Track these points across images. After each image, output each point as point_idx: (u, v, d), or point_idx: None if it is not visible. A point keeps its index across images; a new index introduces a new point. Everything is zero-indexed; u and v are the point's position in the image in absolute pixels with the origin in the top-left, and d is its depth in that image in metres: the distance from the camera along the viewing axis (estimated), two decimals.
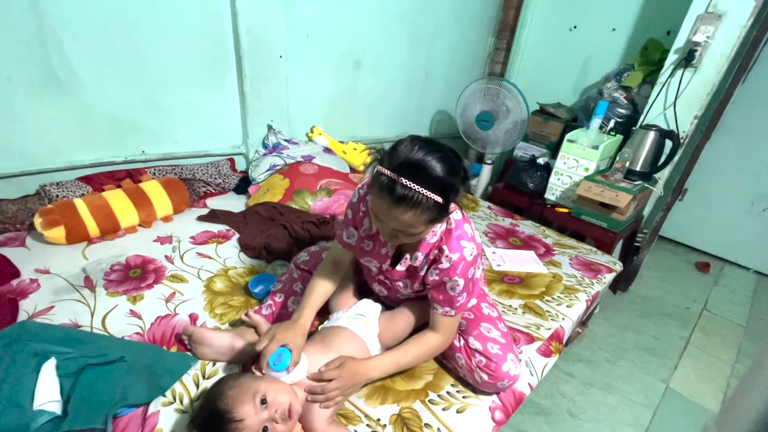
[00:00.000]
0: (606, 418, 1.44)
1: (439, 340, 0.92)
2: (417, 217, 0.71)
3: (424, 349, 0.92)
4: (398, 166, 0.69)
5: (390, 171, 0.69)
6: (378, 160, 0.73)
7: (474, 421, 0.88)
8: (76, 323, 1.01)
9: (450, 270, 0.84)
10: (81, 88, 1.42)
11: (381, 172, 0.70)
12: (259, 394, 0.71)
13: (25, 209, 1.37)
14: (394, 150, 0.71)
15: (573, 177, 1.93)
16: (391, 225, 0.75)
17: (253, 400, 0.70)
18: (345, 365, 0.83)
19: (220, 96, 1.79)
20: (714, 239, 2.66)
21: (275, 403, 0.71)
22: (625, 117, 2.05)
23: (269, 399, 0.71)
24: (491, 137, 2.25)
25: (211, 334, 0.95)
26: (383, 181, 0.69)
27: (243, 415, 0.68)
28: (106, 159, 1.58)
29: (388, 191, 0.69)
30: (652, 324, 1.98)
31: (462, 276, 0.84)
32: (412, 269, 0.91)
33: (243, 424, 0.68)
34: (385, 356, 0.91)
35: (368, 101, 2.36)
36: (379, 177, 0.71)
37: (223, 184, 1.83)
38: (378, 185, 0.71)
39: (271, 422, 0.70)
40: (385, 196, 0.70)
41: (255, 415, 0.69)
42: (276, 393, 0.73)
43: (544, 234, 1.80)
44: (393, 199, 0.69)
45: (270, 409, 0.71)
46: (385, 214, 0.73)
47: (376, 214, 0.76)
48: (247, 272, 1.29)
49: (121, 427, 0.77)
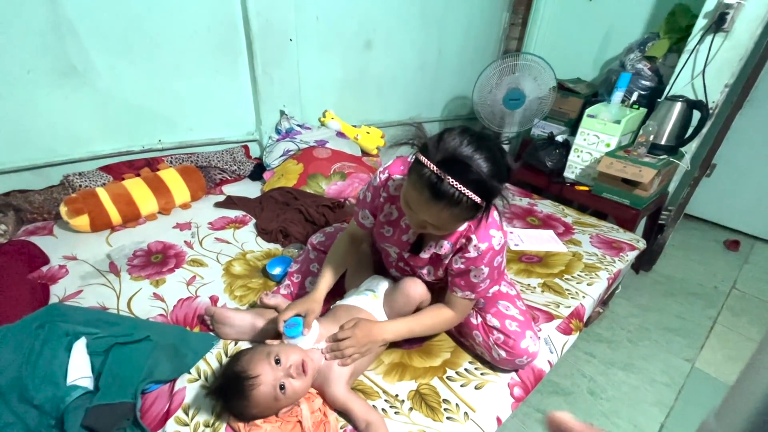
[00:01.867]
0: (628, 398, 1.42)
1: (453, 316, 0.91)
2: (454, 215, 0.69)
3: (438, 321, 0.91)
4: (444, 161, 0.64)
5: (435, 165, 0.64)
6: (419, 148, 0.69)
7: (493, 397, 0.88)
8: (104, 306, 1.05)
9: (477, 259, 0.82)
10: (97, 77, 1.44)
11: (424, 163, 0.65)
12: (273, 354, 0.75)
13: (50, 199, 1.41)
14: (440, 141, 0.66)
15: (593, 154, 1.87)
16: (423, 217, 0.72)
17: (267, 359, 0.74)
18: (359, 324, 0.85)
19: (232, 81, 1.79)
20: (744, 216, 2.55)
21: (289, 361, 0.74)
22: (649, 89, 1.96)
23: (282, 358, 0.74)
24: (516, 116, 2.17)
25: (233, 314, 0.97)
26: (425, 174, 0.65)
27: (258, 371, 0.71)
28: (125, 148, 1.61)
29: (430, 186, 0.65)
30: (677, 304, 1.92)
31: (488, 265, 0.83)
32: (435, 257, 0.89)
33: (258, 380, 0.71)
34: (399, 321, 0.91)
35: (380, 83, 2.32)
36: (419, 167, 0.66)
37: (239, 171, 1.85)
38: (418, 176, 0.67)
39: (287, 378, 0.73)
40: (425, 190, 0.66)
41: (270, 372, 0.72)
42: (289, 353, 0.76)
43: (563, 213, 1.76)
44: (433, 195, 0.66)
45: (284, 366, 0.73)
46: (419, 206, 0.70)
47: (410, 204, 0.73)
48: (264, 256, 1.31)
49: (150, 402, 0.80)
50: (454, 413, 0.84)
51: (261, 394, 0.71)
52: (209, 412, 0.78)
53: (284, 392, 0.72)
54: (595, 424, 1.31)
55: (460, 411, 0.84)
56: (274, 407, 0.74)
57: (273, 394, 0.71)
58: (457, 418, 0.83)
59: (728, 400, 0.22)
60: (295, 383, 0.73)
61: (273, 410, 0.74)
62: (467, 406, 0.85)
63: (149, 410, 0.78)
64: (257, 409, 0.72)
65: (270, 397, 0.71)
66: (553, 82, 2.02)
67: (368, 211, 0.93)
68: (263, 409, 0.73)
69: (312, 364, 0.77)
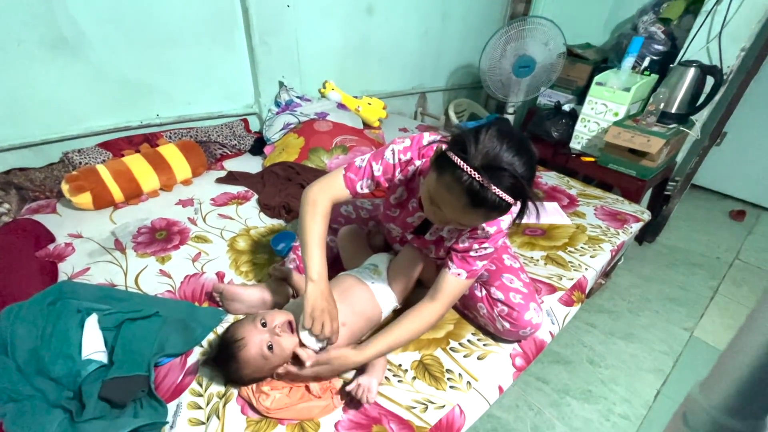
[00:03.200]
0: (626, 366, 1.46)
1: (437, 309, 0.86)
2: (488, 217, 0.68)
3: (421, 325, 0.86)
4: (485, 167, 0.61)
5: (474, 170, 0.61)
6: (449, 145, 0.65)
7: (495, 366, 0.91)
8: (112, 282, 1.06)
9: (484, 240, 0.82)
10: (90, 49, 1.40)
11: (461, 168, 0.62)
12: (259, 318, 0.78)
13: (51, 177, 1.41)
14: (477, 141, 0.62)
15: (601, 123, 1.82)
16: (452, 218, 0.70)
17: (253, 323, 0.77)
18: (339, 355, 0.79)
19: (229, 52, 1.73)
20: (752, 186, 2.52)
21: (274, 321, 0.77)
22: (662, 54, 1.88)
23: (268, 320, 0.77)
24: (523, 84, 2.09)
25: (242, 290, 0.98)
26: (465, 180, 0.62)
27: (243, 334, 0.75)
28: (123, 123, 1.58)
29: (471, 194, 0.62)
30: (679, 274, 1.94)
31: (493, 244, 0.83)
32: (440, 238, 0.89)
33: (244, 341, 0.74)
34: (379, 341, 0.83)
35: (382, 51, 2.24)
36: (455, 170, 0.62)
37: (239, 146, 1.82)
38: (454, 180, 0.63)
39: (273, 336, 0.75)
40: (463, 197, 0.63)
41: (256, 333, 0.75)
42: (274, 315, 0.79)
43: (568, 185, 1.74)
44: (473, 203, 0.63)
45: (270, 327, 0.76)
46: (452, 209, 0.68)
47: (438, 203, 0.70)
48: (268, 231, 1.31)
49: (163, 375, 0.83)
50: (457, 382, 0.86)
51: (249, 355, 0.74)
52: (222, 384, 0.81)
53: (272, 351, 0.75)
54: (593, 390, 1.36)
55: (463, 380, 0.86)
56: (266, 366, 0.76)
57: (261, 353, 0.74)
58: (460, 387, 0.85)
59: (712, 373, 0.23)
60: (283, 341, 0.76)
61: (266, 370, 0.77)
62: (470, 375, 0.88)
63: (162, 382, 0.81)
64: (249, 369, 0.75)
65: (258, 356, 0.74)
66: (563, 48, 1.94)
67: (371, 181, 0.86)
68: (255, 369, 0.75)
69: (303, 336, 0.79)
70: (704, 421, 0.22)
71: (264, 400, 0.74)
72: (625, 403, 1.33)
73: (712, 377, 0.23)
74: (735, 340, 0.22)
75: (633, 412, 1.30)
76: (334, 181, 0.87)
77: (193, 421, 0.75)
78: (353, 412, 0.78)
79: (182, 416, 0.75)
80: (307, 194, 0.86)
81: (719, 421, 0.22)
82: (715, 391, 0.22)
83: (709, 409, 0.22)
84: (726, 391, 0.21)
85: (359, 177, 0.87)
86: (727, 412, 0.21)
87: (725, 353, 0.22)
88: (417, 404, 0.81)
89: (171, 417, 0.75)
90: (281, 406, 0.74)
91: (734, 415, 0.21)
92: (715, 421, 0.22)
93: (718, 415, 0.22)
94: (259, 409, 0.75)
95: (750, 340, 0.21)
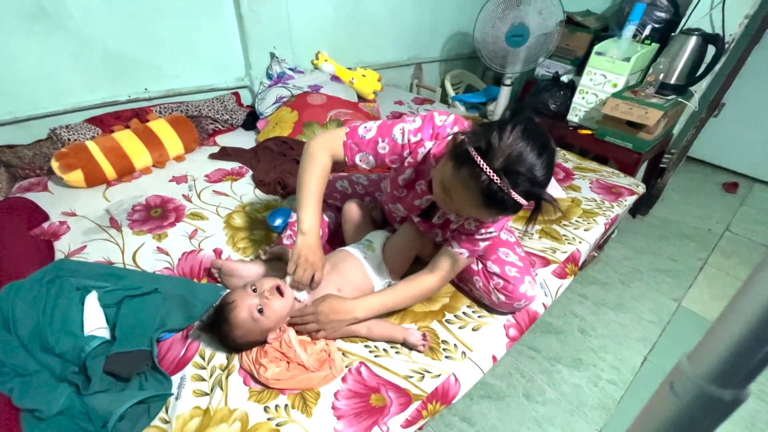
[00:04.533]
0: (615, 335, 1.51)
1: (433, 283, 0.89)
2: (496, 215, 0.67)
3: (416, 291, 0.89)
4: (506, 170, 0.60)
5: (494, 173, 0.60)
6: (469, 138, 0.63)
7: (489, 337, 0.93)
8: (109, 260, 1.06)
9: (490, 224, 0.83)
10: (70, 19, 1.33)
11: (481, 167, 0.60)
12: (249, 284, 0.81)
13: (40, 154, 1.38)
14: (500, 139, 0.60)
15: (599, 95, 1.80)
16: (464, 210, 0.69)
17: (243, 289, 0.81)
18: (326, 300, 0.84)
19: (217, 22, 1.66)
20: (746, 158, 2.52)
21: (263, 286, 0.80)
22: (664, 22, 1.83)
23: (258, 285, 0.81)
24: (519, 54, 2.04)
25: (240, 265, 0.99)
26: (483, 180, 0.61)
27: (235, 297, 0.79)
28: (110, 98, 1.54)
29: (487, 194, 0.62)
30: (671, 246, 1.97)
31: (499, 229, 0.83)
32: (447, 221, 0.89)
33: (234, 304, 0.78)
34: (372, 297, 0.88)
35: (376, 19, 2.16)
36: (474, 167, 0.61)
37: (231, 120, 1.79)
38: (471, 176, 0.62)
39: (262, 299, 0.79)
40: (480, 195, 0.63)
41: (246, 297, 0.79)
42: (264, 281, 0.82)
43: (564, 158, 1.73)
44: (488, 202, 0.63)
45: (260, 292, 0.80)
46: (465, 204, 0.67)
47: (452, 195, 0.69)
48: (264, 208, 1.31)
49: (165, 349, 0.85)
50: (452, 353, 0.89)
51: (239, 317, 0.77)
52: (224, 357, 0.83)
53: (263, 314, 0.78)
54: (582, 358, 1.41)
55: (458, 351, 0.89)
56: (256, 329, 0.79)
57: (250, 315, 0.77)
58: (455, 357, 0.88)
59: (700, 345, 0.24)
60: (273, 303, 0.79)
61: (257, 332, 0.79)
62: (465, 346, 0.91)
63: (165, 357, 0.83)
64: (240, 331, 0.78)
65: (248, 318, 0.77)
66: (561, 16, 1.88)
67: (373, 158, 0.84)
68: (246, 331, 0.78)
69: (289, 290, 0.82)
70: (690, 389, 0.24)
71: (263, 372, 0.77)
72: (613, 370, 1.38)
73: (699, 349, 0.24)
74: (722, 314, 0.23)
75: (620, 377, 1.36)
76: (336, 141, 0.85)
77: (197, 393, 0.77)
78: (352, 381, 0.81)
79: (186, 388, 0.78)
80: (309, 147, 0.86)
81: (704, 389, 0.23)
82: (702, 362, 0.23)
83: (695, 378, 0.23)
84: (712, 362, 0.23)
85: (360, 148, 0.84)
86: (711, 381, 0.23)
87: (713, 326, 0.23)
88: (414, 373, 0.84)
89: (176, 389, 0.77)
90: (281, 377, 0.77)
91: (718, 384, 0.23)
92: (700, 389, 0.23)
93: (703, 384, 0.23)
94: (260, 380, 0.77)
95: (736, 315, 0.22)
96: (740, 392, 0.23)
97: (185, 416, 0.73)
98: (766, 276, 0.21)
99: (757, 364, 0.22)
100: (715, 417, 0.24)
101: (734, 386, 0.23)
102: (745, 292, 0.22)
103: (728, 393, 0.23)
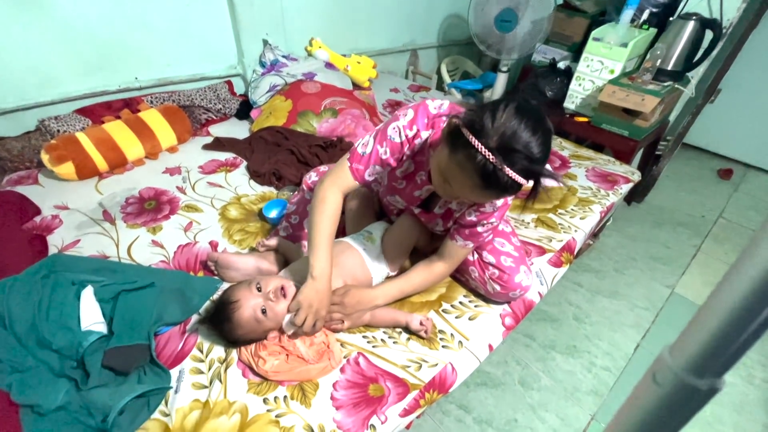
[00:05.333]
0: (609, 322, 1.53)
1: (444, 269, 0.92)
2: (495, 197, 0.67)
3: (430, 277, 0.93)
4: (500, 148, 0.59)
5: (490, 153, 0.59)
6: (462, 120, 0.62)
7: (485, 326, 0.94)
8: (104, 254, 1.06)
9: (491, 214, 0.83)
10: (56, 4, 1.29)
11: (476, 147, 0.60)
12: (254, 283, 0.81)
13: (29, 146, 1.35)
14: (493, 119, 0.60)
15: (596, 81, 1.78)
16: (461, 194, 0.69)
17: (248, 287, 0.80)
18: (349, 292, 0.85)
19: (208, 7, 1.62)
20: (741, 144, 2.53)
21: (269, 287, 0.80)
22: (662, 6, 1.81)
23: (263, 285, 0.80)
24: (512, 40, 2.02)
25: (236, 258, 0.99)
26: (478, 160, 0.60)
27: (239, 296, 0.78)
28: (100, 88, 1.50)
29: (483, 175, 0.61)
30: (665, 233, 1.99)
31: (499, 218, 0.84)
32: (448, 211, 0.89)
33: (239, 303, 0.78)
34: (389, 284, 0.92)
35: (369, 4, 2.12)
36: (469, 149, 0.61)
37: (224, 110, 1.76)
38: (466, 158, 0.61)
39: (266, 301, 0.78)
40: (475, 177, 0.62)
41: (251, 297, 0.78)
42: (269, 280, 0.81)
43: (560, 146, 1.73)
44: (485, 184, 0.62)
45: (264, 292, 0.79)
46: (462, 187, 0.66)
47: (447, 178, 0.68)
48: (259, 199, 1.30)
49: (163, 343, 0.85)
50: (449, 342, 0.90)
51: (242, 317, 0.77)
52: (222, 349, 0.83)
53: (266, 315, 0.78)
54: (577, 345, 1.43)
55: (454, 340, 0.90)
56: (259, 329, 0.79)
57: (254, 316, 0.78)
58: (452, 346, 0.89)
59: (680, 336, 0.25)
60: (276, 306, 0.79)
61: (258, 332, 0.80)
62: (461, 335, 0.92)
63: (163, 350, 0.83)
64: (242, 330, 0.78)
65: (251, 318, 0.78)
66: (551, 3, 1.85)
67: (379, 167, 0.83)
68: (248, 330, 0.79)
69: (292, 288, 0.82)
70: (670, 378, 0.25)
71: (262, 365, 0.77)
72: (607, 357, 1.41)
73: (680, 340, 0.25)
74: (702, 307, 0.24)
75: (614, 364, 1.39)
76: (343, 174, 0.84)
77: (196, 385, 0.78)
78: (350, 372, 0.82)
79: (185, 381, 0.78)
80: (317, 190, 0.84)
81: (682, 378, 0.24)
82: (682, 352, 0.24)
83: (674, 367, 0.25)
84: (690, 352, 0.24)
85: (365, 165, 0.83)
86: (689, 371, 0.24)
87: (693, 318, 0.24)
88: (411, 363, 0.85)
89: (175, 382, 0.78)
90: (280, 370, 0.77)
91: (696, 373, 0.24)
92: (678, 378, 0.24)
93: (682, 374, 0.24)
94: (259, 372, 0.78)
95: (713, 307, 0.23)
96: (716, 381, 0.24)
97: (185, 409, 0.74)
98: (741, 271, 0.22)
99: (732, 355, 0.23)
100: (692, 405, 0.25)
101: (712, 375, 0.24)
102: (722, 286, 0.23)
103: (705, 383, 0.24)
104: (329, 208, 0.82)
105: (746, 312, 0.21)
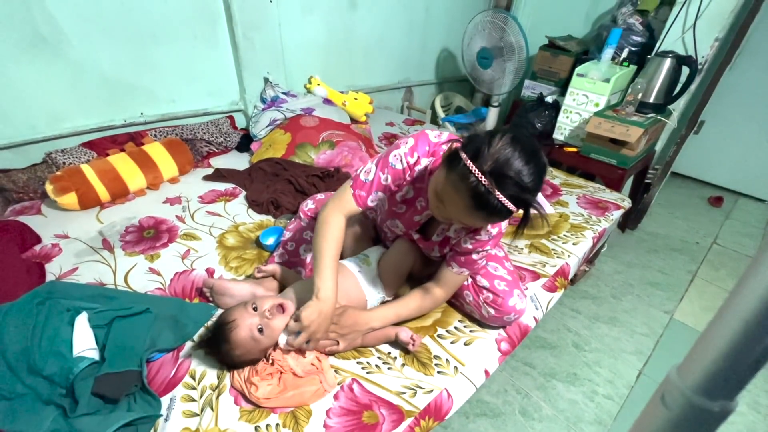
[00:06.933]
0: (609, 349, 1.51)
1: (441, 295, 0.94)
2: (489, 220, 0.70)
3: (427, 303, 0.94)
4: (493, 173, 0.62)
5: (483, 176, 0.63)
6: (462, 145, 0.67)
7: (481, 352, 0.94)
8: (101, 282, 1.06)
9: (486, 242, 0.86)
10: (69, 47, 1.38)
11: (470, 169, 0.63)
12: (250, 303, 0.82)
13: (35, 177, 1.39)
14: (489, 146, 0.63)
15: (582, 114, 1.86)
16: (455, 217, 0.72)
17: (244, 307, 0.81)
18: (346, 313, 0.86)
19: (212, 48, 1.72)
20: (729, 173, 2.60)
21: (264, 306, 0.81)
22: (640, 45, 1.93)
23: (258, 304, 0.81)
24: (490, 76, 2.15)
25: (232, 285, 0.99)
26: (472, 182, 0.63)
27: (235, 316, 0.80)
28: (106, 123, 1.57)
29: (475, 196, 0.64)
30: (660, 260, 2.00)
31: (494, 246, 0.87)
32: (445, 239, 0.92)
33: (235, 323, 0.78)
34: (385, 307, 0.93)
35: (367, 45, 2.25)
36: (465, 171, 0.64)
37: (225, 143, 1.82)
38: (461, 180, 0.65)
39: (263, 319, 0.79)
40: (468, 198, 0.65)
41: (247, 316, 0.79)
42: (265, 300, 0.83)
43: (551, 175, 1.78)
44: (476, 205, 0.65)
45: (260, 311, 0.80)
46: (455, 208, 0.69)
47: (443, 201, 0.71)
48: (256, 227, 1.32)
49: (155, 370, 0.84)
50: (444, 368, 0.89)
51: (239, 336, 0.78)
52: (214, 376, 0.82)
53: (263, 333, 0.78)
54: (578, 373, 1.40)
55: (450, 365, 0.89)
56: (256, 348, 0.79)
57: (250, 335, 0.78)
58: (448, 372, 0.88)
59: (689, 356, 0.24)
60: (273, 322, 0.79)
61: (256, 351, 0.80)
62: (457, 360, 0.91)
63: (155, 377, 0.82)
64: (239, 350, 0.78)
65: (248, 338, 0.78)
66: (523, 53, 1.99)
67: (381, 193, 0.88)
68: (245, 350, 0.79)
69: (292, 306, 0.83)
70: (680, 401, 0.24)
71: (255, 391, 0.76)
72: (609, 385, 1.38)
73: (688, 360, 0.24)
74: (709, 326, 0.23)
75: (616, 392, 1.35)
76: (345, 199, 0.88)
77: (187, 413, 0.76)
78: (344, 398, 0.80)
79: (176, 409, 0.77)
80: (321, 214, 0.88)
81: (693, 401, 0.23)
82: (691, 374, 0.24)
83: (684, 390, 0.24)
84: (700, 374, 0.23)
85: (368, 192, 0.87)
86: (700, 393, 0.23)
87: (700, 338, 0.24)
88: (406, 389, 0.83)
89: (165, 410, 0.76)
90: (272, 395, 0.76)
91: (707, 396, 0.23)
92: (689, 401, 0.23)
93: (692, 396, 0.23)
94: (252, 399, 0.77)
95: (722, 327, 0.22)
96: (728, 403, 0.23)
97: None
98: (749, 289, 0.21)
99: (744, 375, 0.22)
100: (704, 428, 0.24)
101: (722, 397, 0.23)
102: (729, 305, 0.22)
103: (717, 404, 0.23)
104: (333, 230, 0.85)
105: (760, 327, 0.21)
